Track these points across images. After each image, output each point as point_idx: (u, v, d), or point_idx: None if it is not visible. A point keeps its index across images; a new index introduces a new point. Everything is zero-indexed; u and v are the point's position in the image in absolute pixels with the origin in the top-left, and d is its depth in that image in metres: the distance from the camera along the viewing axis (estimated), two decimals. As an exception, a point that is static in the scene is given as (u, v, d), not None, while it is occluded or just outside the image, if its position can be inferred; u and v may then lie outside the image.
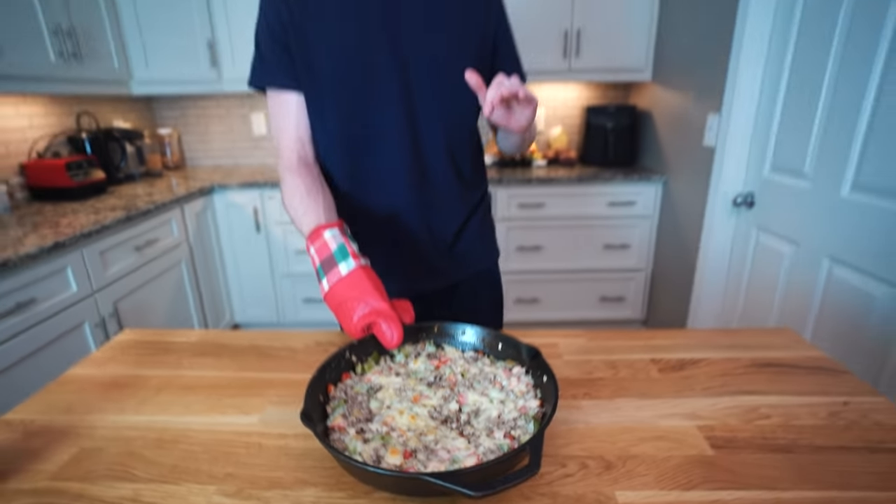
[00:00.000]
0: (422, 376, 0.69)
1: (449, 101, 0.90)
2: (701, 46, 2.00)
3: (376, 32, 0.84)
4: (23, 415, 0.69)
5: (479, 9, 0.90)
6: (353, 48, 0.84)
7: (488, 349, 0.75)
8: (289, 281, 2.61)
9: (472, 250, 1.04)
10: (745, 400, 0.69)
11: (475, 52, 0.90)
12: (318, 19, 0.84)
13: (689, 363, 0.79)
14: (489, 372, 0.70)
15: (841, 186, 1.37)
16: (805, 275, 1.52)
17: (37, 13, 1.80)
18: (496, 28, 0.93)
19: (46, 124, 2.21)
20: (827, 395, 0.70)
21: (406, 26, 0.85)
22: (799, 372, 0.76)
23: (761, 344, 0.84)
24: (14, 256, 1.34)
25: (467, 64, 0.82)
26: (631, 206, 2.45)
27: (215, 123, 3.01)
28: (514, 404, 0.63)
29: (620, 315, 2.67)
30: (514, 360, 0.72)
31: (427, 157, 0.92)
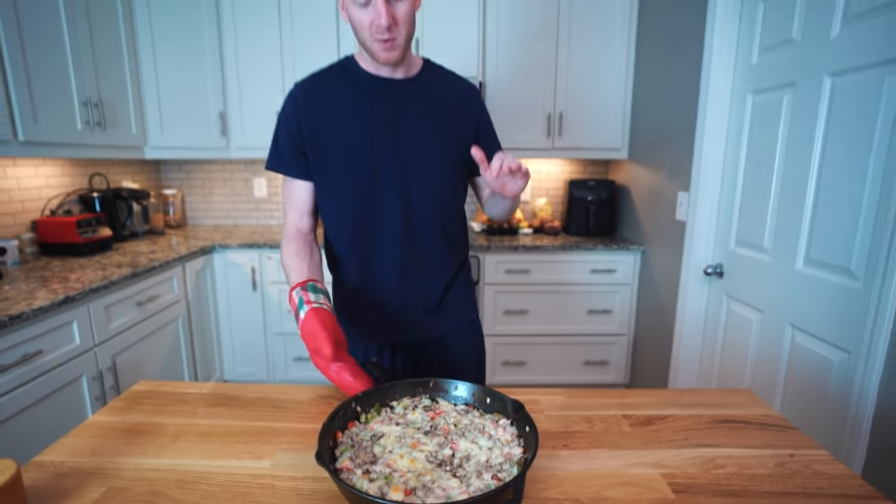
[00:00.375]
0: (419, 425, 0.77)
1: (439, 188, 1.09)
2: (669, 131, 2.23)
3: (380, 135, 1.04)
4: (52, 457, 0.76)
5: (468, 115, 1.13)
6: (359, 146, 1.04)
7: (478, 403, 0.84)
8: (280, 339, 2.66)
9: (455, 306, 1.19)
10: (705, 451, 0.78)
11: (461, 149, 1.11)
12: (331, 122, 1.04)
13: (657, 419, 0.88)
14: (479, 423, 0.78)
15: (795, 260, 1.52)
16: (772, 340, 1.64)
17: (71, 86, 1.98)
18: (478, 124, 1.15)
19: (61, 184, 2.34)
20: (776, 448, 0.79)
21: (405, 131, 1.05)
22: (752, 427, 0.86)
23: (722, 402, 0.94)
24: (28, 310, 1.41)
25: (454, 159, 1.09)
26: (612, 274, 2.59)
27: (219, 186, 3.17)
28: (500, 451, 0.71)
29: (605, 379, 2.74)
30: (501, 412, 0.81)
31: (419, 232, 1.10)
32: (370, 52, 0.99)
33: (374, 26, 0.93)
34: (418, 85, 1.08)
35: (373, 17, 0.92)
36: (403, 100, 1.06)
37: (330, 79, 1.07)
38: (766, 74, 1.65)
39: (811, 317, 1.46)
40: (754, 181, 1.72)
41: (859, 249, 1.27)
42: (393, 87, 1.06)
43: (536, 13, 2.59)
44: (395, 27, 0.94)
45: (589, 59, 2.65)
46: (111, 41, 2.24)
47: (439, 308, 1.16)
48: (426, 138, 1.06)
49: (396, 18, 0.93)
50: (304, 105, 1.05)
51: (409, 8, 0.95)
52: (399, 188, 1.06)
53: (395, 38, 0.95)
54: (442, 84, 1.11)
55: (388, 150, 1.04)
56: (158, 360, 2.12)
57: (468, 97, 1.14)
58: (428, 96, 1.08)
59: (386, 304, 1.13)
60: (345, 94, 1.05)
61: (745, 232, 1.78)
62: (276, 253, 2.56)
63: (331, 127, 1.04)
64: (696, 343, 2.08)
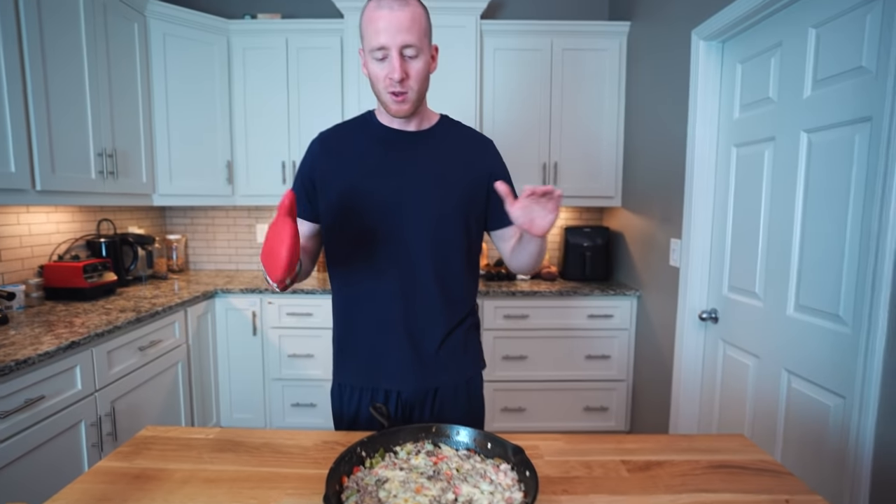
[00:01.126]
0: (422, 470, 0.79)
1: (438, 240, 1.11)
2: (660, 180, 2.33)
3: (384, 182, 1.09)
4: (62, 503, 0.77)
5: (479, 169, 1.15)
6: (362, 191, 1.09)
7: (479, 448, 0.87)
8: (279, 385, 2.65)
9: (452, 360, 1.17)
10: (702, 497, 0.80)
11: (470, 202, 1.14)
12: (340, 167, 1.11)
13: (655, 464, 0.90)
14: (480, 468, 0.80)
15: (786, 306, 1.57)
16: (768, 385, 1.66)
17: (88, 137, 2.07)
18: (490, 179, 1.14)
19: (71, 229, 2.40)
20: (771, 493, 0.81)
21: (410, 180, 1.09)
22: (749, 473, 0.87)
23: (717, 448, 0.96)
24: (34, 355, 1.43)
25: (460, 211, 1.12)
26: (609, 319, 2.62)
27: (222, 231, 3.24)
28: (501, 495, 0.73)
29: (605, 425, 2.71)
30: (502, 457, 0.83)
31: (417, 282, 1.12)
32: (384, 104, 1.05)
33: (388, 79, 1.00)
34: (430, 137, 1.13)
35: (388, 70, 0.99)
36: (412, 151, 1.11)
37: (348, 129, 1.15)
38: (747, 129, 1.75)
39: (805, 362, 1.49)
40: (743, 229, 1.79)
41: (846, 295, 1.32)
42: (404, 138, 1.12)
43: (530, 72, 2.75)
44: (406, 81, 1.00)
45: (581, 112, 2.79)
46: (128, 95, 2.35)
47: (434, 362, 1.15)
48: (430, 189, 1.09)
49: (409, 73, 1.00)
50: (320, 151, 1.13)
51: (422, 67, 1.02)
52: (398, 237, 1.09)
53: (407, 92, 1.01)
54: (455, 138, 1.16)
55: (390, 196, 1.08)
56: (157, 406, 2.11)
57: (482, 151, 1.17)
58: (438, 149, 1.12)
59: (381, 350, 1.14)
60: (358, 143, 1.12)
61: (737, 278, 1.83)
62: (277, 297, 2.59)
63: (338, 172, 1.10)
64: (695, 388, 2.09)
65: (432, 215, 1.10)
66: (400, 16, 0.96)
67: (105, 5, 2.18)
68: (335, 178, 1.10)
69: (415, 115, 1.09)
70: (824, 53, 1.39)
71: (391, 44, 0.97)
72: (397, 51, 0.98)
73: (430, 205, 1.10)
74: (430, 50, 1.05)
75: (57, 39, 1.90)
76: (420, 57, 1.01)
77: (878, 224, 1.17)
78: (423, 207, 1.09)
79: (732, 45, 1.83)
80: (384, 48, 0.98)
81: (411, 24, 0.97)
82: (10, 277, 2.07)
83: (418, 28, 0.99)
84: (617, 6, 2.93)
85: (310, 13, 3.03)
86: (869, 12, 1.25)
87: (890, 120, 1.14)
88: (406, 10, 0.97)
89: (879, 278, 1.17)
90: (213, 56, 2.70)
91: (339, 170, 1.11)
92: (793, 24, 1.51)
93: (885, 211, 1.16)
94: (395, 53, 0.98)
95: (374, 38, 0.98)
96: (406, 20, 0.97)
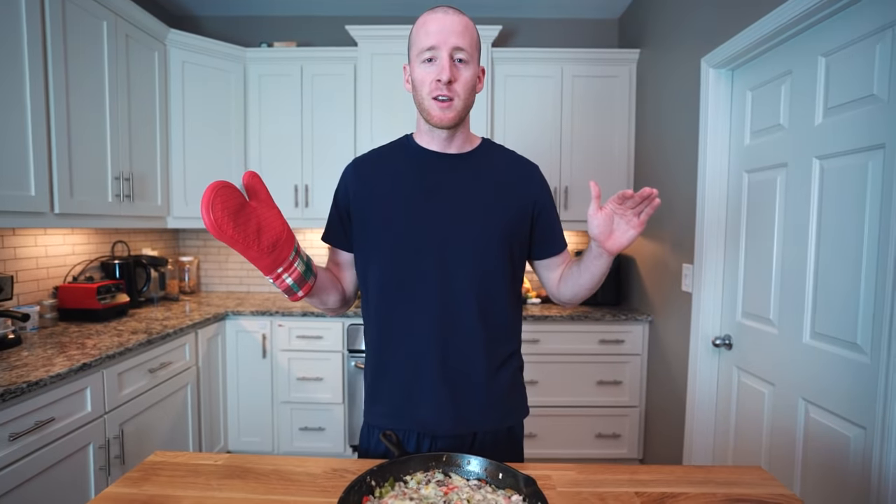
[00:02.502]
0: (432, 501, 0.78)
1: (478, 267, 1.03)
2: (671, 205, 2.33)
3: (420, 206, 1.03)
4: (69, 529, 0.77)
5: (523, 194, 1.07)
6: (397, 216, 1.03)
7: (490, 478, 0.85)
8: (287, 408, 2.64)
9: (493, 405, 1.07)
10: (720, 533, 0.78)
11: (513, 229, 1.06)
12: (375, 192, 1.06)
13: (670, 497, 0.88)
14: (491, 499, 0.79)
15: (802, 333, 1.54)
16: (785, 414, 1.62)
17: (107, 162, 2.13)
18: (535, 204, 1.09)
19: (86, 251, 2.44)
20: (792, 530, 0.79)
21: (448, 204, 1.03)
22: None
23: (734, 481, 0.93)
24: (46, 377, 1.44)
25: (501, 238, 1.04)
26: (620, 345, 2.59)
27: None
28: (514, 529, 0.71)
29: (618, 453, 2.65)
30: (513, 488, 0.81)
31: (458, 315, 1.03)
32: (426, 113, 1.00)
33: (435, 81, 0.95)
34: (470, 160, 1.07)
35: (436, 71, 0.95)
36: (451, 174, 1.04)
37: (385, 153, 1.11)
38: (759, 155, 1.75)
39: (823, 391, 1.45)
40: (756, 254, 1.77)
41: (863, 323, 1.30)
42: (443, 160, 1.05)
43: (541, 98, 2.79)
44: (454, 85, 0.96)
45: (591, 137, 2.81)
46: (146, 120, 2.42)
47: (473, 406, 1.05)
48: (468, 214, 1.02)
49: (457, 78, 0.96)
50: (354, 176, 1.09)
51: (471, 76, 0.98)
52: (437, 266, 1.01)
53: (453, 98, 0.97)
54: (499, 161, 1.09)
55: (428, 223, 1.02)
56: (165, 428, 2.10)
57: (527, 176, 1.10)
58: (479, 172, 1.06)
59: (416, 390, 1.04)
60: (395, 166, 1.07)
61: (750, 304, 1.81)
62: (287, 320, 2.59)
63: (373, 198, 1.05)
64: (709, 416, 2.04)
65: (475, 244, 1.02)
66: (454, 19, 0.96)
67: (127, 35, 2.26)
68: (369, 204, 1.05)
69: (456, 134, 1.04)
70: (834, 82, 1.40)
71: (442, 44, 0.95)
72: (448, 52, 0.95)
73: (471, 232, 1.02)
74: (478, 65, 1.02)
75: (80, 67, 1.97)
76: (470, 65, 0.98)
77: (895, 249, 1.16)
78: (465, 235, 1.02)
79: (742, 73, 1.85)
80: (434, 48, 0.95)
81: (464, 30, 0.96)
82: (25, 298, 2.10)
83: (470, 36, 0.98)
84: (626, 34, 2.98)
85: (324, 41, 3.12)
86: (879, 41, 1.26)
87: (903, 147, 1.14)
88: (461, 17, 0.97)
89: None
90: (229, 82, 2.78)
91: (374, 196, 1.05)
92: (802, 53, 1.52)
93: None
94: (444, 54, 0.95)
95: (425, 38, 0.96)
96: (459, 25, 0.96)
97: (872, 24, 1.28)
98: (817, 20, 1.44)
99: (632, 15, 2.89)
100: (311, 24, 3.16)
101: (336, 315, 0.99)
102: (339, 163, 2.86)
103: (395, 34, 2.68)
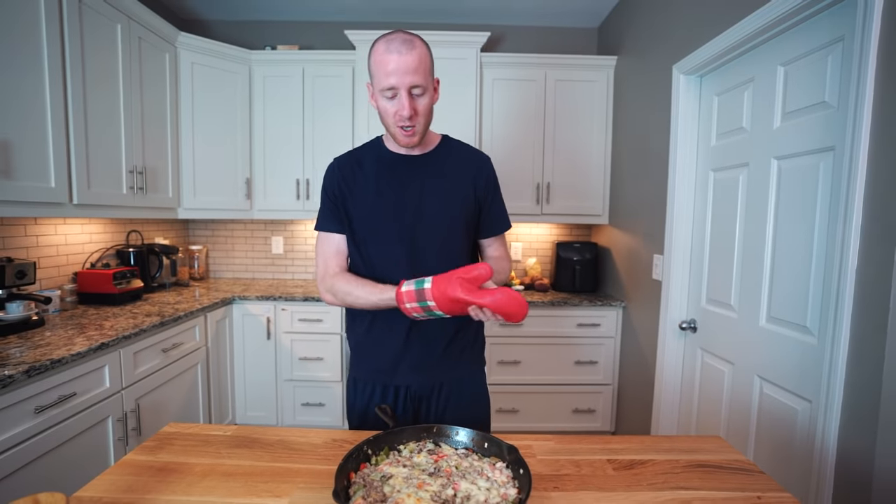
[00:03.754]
0: (424, 468, 0.80)
1: (444, 249, 1.15)
2: (644, 200, 2.35)
3: (395, 203, 1.12)
4: (91, 493, 0.77)
5: (475, 183, 1.18)
6: (376, 214, 1.13)
7: (477, 447, 0.87)
8: (290, 385, 2.65)
9: (457, 358, 1.20)
10: (681, 494, 0.80)
11: (468, 214, 1.18)
12: (356, 191, 1.14)
13: (639, 463, 0.90)
14: (478, 465, 0.81)
15: (759, 317, 1.57)
16: (742, 390, 1.66)
17: (121, 156, 2.10)
18: (485, 192, 1.20)
19: (102, 240, 2.42)
20: (744, 491, 0.81)
21: (417, 200, 1.13)
22: (724, 472, 0.88)
23: (696, 448, 0.96)
24: (68, 355, 1.44)
25: (461, 223, 1.15)
26: (597, 328, 2.63)
27: (240, 243, 3.25)
28: (497, 492, 0.73)
29: (592, 426, 2.70)
30: (497, 456, 0.83)
31: None
32: (393, 136, 1.09)
33: (398, 116, 1.03)
34: (432, 159, 1.16)
35: (397, 108, 1.02)
36: (417, 173, 1.14)
37: (360, 156, 1.18)
38: (724, 155, 1.77)
39: (776, 369, 1.49)
40: (720, 246, 1.80)
41: (812, 308, 1.33)
42: (409, 162, 1.15)
43: (526, 100, 2.78)
44: (415, 117, 1.04)
45: (572, 137, 2.82)
46: (158, 117, 2.38)
47: (441, 360, 1.18)
48: (434, 206, 1.13)
49: (417, 110, 1.03)
50: (339, 175, 1.16)
51: (428, 102, 1.06)
52: (410, 246, 1.12)
53: (415, 126, 1.05)
54: (454, 157, 1.19)
55: (401, 211, 1.12)
56: (178, 403, 2.10)
57: (477, 167, 1.19)
58: (440, 169, 1.15)
59: (394, 351, 1.16)
60: (370, 168, 1.15)
61: (714, 291, 1.84)
62: (290, 304, 2.59)
63: (355, 196, 1.14)
64: (675, 392, 2.09)
65: (441, 225, 1.13)
66: (408, 59, 0.99)
67: (140, 37, 2.22)
68: (351, 196, 1.14)
69: (419, 144, 1.12)
70: (792, 89, 1.42)
71: (401, 84, 1.00)
72: (406, 91, 1.00)
73: (437, 216, 1.13)
74: (433, 84, 1.08)
75: (96, 66, 1.93)
76: (426, 94, 1.04)
77: (841, 243, 1.19)
78: (432, 219, 1.12)
79: (710, 80, 1.86)
80: (394, 88, 1.00)
81: (418, 66, 1.00)
82: (47, 283, 2.08)
83: (423, 69, 1.02)
84: (605, 42, 2.98)
85: (324, 45, 3.08)
86: (830, 53, 1.28)
87: (851, 149, 1.16)
88: (413, 54, 1.00)
89: (842, 292, 1.18)
90: (235, 83, 2.74)
91: (355, 190, 1.14)
92: (763, 62, 1.54)
93: (846, 231, 1.17)
94: (404, 93, 1.00)
95: (385, 79, 1.00)
96: (413, 63, 0.99)
97: (826, 37, 1.29)
98: (777, 32, 1.45)
99: (610, 24, 2.89)
100: (312, 29, 3.12)
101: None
102: (339, 159, 2.85)
103: (391, 39, 2.65)
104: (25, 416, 1.32)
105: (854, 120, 1.15)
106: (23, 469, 1.31)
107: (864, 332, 1.13)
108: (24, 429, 1.31)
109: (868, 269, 1.13)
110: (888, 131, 1.08)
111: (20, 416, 1.30)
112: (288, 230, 3.22)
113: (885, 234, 1.09)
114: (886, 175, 1.08)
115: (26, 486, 1.31)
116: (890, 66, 1.08)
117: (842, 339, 1.18)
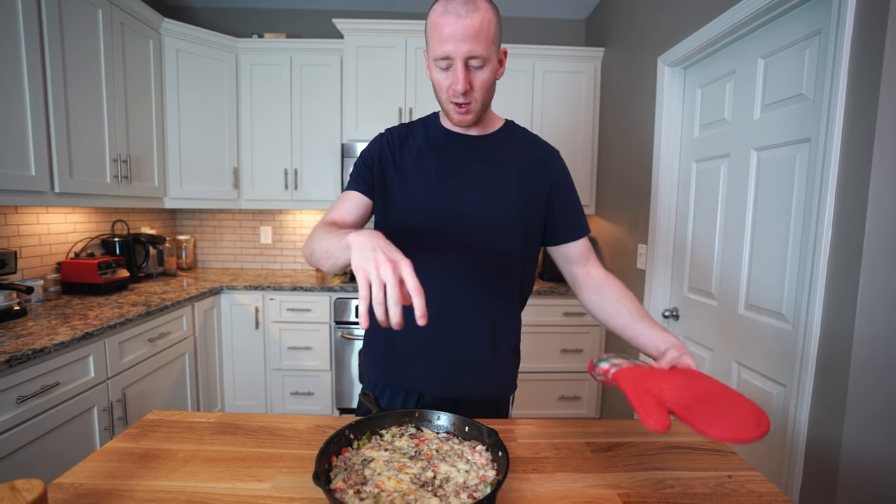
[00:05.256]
0: (405, 451, 0.80)
1: (489, 247, 0.99)
2: (629, 192, 2.36)
3: (439, 185, 0.99)
4: (72, 479, 0.77)
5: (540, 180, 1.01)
6: (417, 193, 0.99)
7: (457, 431, 0.88)
8: (279, 375, 2.64)
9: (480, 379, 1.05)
10: (656, 474, 0.82)
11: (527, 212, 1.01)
12: (401, 165, 1.01)
13: (616, 445, 0.92)
14: (458, 449, 0.81)
15: (738, 305, 1.60)
16: (721, 375, 1.69)
17: (104, 144, 2.05)
18: (552, 190, 1.02)
19: (87, 229, 2.38)
20: (716, 471, 0.83)
21: (464, 184, 0.99)
22: (697, 453, 0.89)
23: (672, 431, 0.98)
24: (50, 345, 1.42)
25: (514, 220, 0.99)
26: (582, 317, 2.65)
27: (228, 233, 3.22)
28: (476, 474, 0.74)
29: (578, 413, 2.74)
30: (477, 440, 0.84)
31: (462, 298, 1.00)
32: (446, 113, 0.96)
33: (451, 90, 0.90)
34: (489, 143, 1.01)
35: (451, 81, 0.89)
36: (470, 156, 1.00)
37: (412, 130, 1.05)
38: (706, 146, 1.78)
39: (753, 355, 1.52)
40: (702, 236, 1.82)
41: (787, 296, 1.36)
42: (463, 142, 1.01)
43: (514, 91, 2.78)
44: (471, 93, 0.90)
45: (560, 128, 2.82)
46: (143, 105, 2.34)
47: (462, 378, 1.04)
48: (483, 195, 0.98)
49: (473, 85, 0.89)
50: (386, 144, 1.03)
51: (488, 77, 0.90)
52: (443, 247, 0.97)
53: (471, 103, 0.91)
54: (517, 145, 1.03)
55: (443, 200, 0.98)
56: (165, 393, 2.09)
57: (544, 161, 1.03)
58: (496, 155, 1.00)
59: (415, 361, 1.04)
60: (419, 144, 1.02)
61: (695, 280, 1.87)
62: (279, 294, 2.58)
63: (393, 171, 1.01)
64: (657, 379, 2.12)
65: (483, 226, 0.97)
66: (468, 23, 0.83)
67: (123, 23, 2.16)
68: (390, 176, 1.01)
69: (476, 124, 0.99)
70: (771, 81, 1.43)
71: (456, 54, 0.85)
72: (462, 61, 0.86)
73: (480, 214, 0.97)
74: (497, 56, 0.91)
75: (77, 52, 1.89)
76: (487, 67, 0.89)
77: (815, 233, 1.21)
78: (473, 216, 0.97)
79: (693, 72, 1.87)
80: (449, 58, 0.86)
81: (479, 33, 0.84)
82: (29, 273, 2.04)
83: (486, 36, 0.85)
84: (592, 34, 2.97)
85: (312, 34, 3.04)
86: (808, 47, 1.29)
87: (825, 141, 1.18)
88: (475, 17, 0.84)
89: (815, 281, 1.20)
90: (222, 71, 2.69)
91: (395, 169, 1.01)
92: (745, 54, 1.55)
93: (820, 221, 1.19)
94: (459, 65, 0.86)
95: (439, 46, 0.86)
96: (474, 28, 0.84)
97: (804, 30, 1.30)
98: (758, 25, 1.46)
99: (597, 16, 2.88)
100: (300, 17, 3.07)
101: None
102: (327, 148, 2.82)
103: (379, 28, 2.62)
104: (7, 405, 1.30)
105: (828, 112, 1.16)
106: (5, 459, 1.29)
107: (835, 319, 1.16)
108: (6, 419, 1.30)
109: (838, 258, 1.15)
110: (859, 124, 1.10)
111: (1, 406, 1.29)
112: (276, 220, 3.20)
113: (854, 223, 1.11)
114: (856, 166, 1.10)
115: (9, 476, 1.29)
116: (862, 61, 1.09)
117: (814, 326, 1.21)
